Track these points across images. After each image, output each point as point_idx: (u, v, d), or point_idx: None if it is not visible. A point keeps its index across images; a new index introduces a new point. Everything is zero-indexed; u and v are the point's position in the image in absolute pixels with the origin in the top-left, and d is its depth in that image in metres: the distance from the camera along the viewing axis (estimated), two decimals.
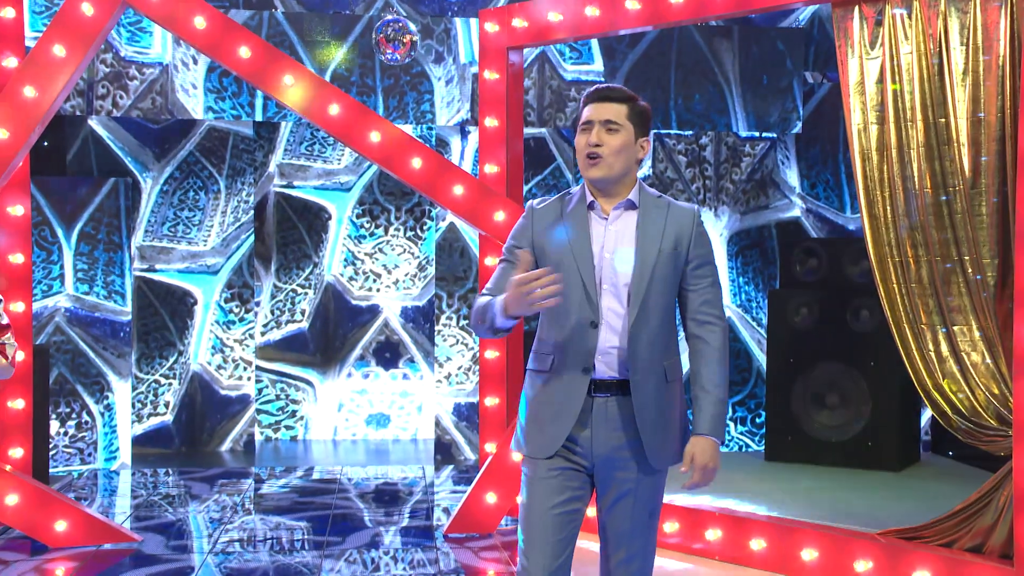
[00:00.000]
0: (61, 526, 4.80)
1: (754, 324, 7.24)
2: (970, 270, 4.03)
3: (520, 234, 2.73)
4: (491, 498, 5.14)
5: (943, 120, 4.08)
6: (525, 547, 2.65)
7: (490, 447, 5.32)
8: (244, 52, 5.03)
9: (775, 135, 7.24)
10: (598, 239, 2.65)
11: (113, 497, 6.14)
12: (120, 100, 6.73)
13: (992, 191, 3.98)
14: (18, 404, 4.91)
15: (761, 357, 7.15)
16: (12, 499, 4.65)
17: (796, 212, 7.31)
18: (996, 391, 3.99)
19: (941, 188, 4.10)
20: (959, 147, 4.03)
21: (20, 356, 2.66)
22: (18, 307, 4.92)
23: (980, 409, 4.03)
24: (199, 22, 4.97)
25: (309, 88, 5.10)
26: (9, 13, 4.79)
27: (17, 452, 4.90)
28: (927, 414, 6.78)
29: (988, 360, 3.99)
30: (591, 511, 3.05)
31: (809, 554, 4.31)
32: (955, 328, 4.07)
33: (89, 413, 6.75)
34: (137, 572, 4.58)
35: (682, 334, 2.75)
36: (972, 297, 4.03)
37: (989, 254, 3.99)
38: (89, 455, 6.74)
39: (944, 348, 4.10)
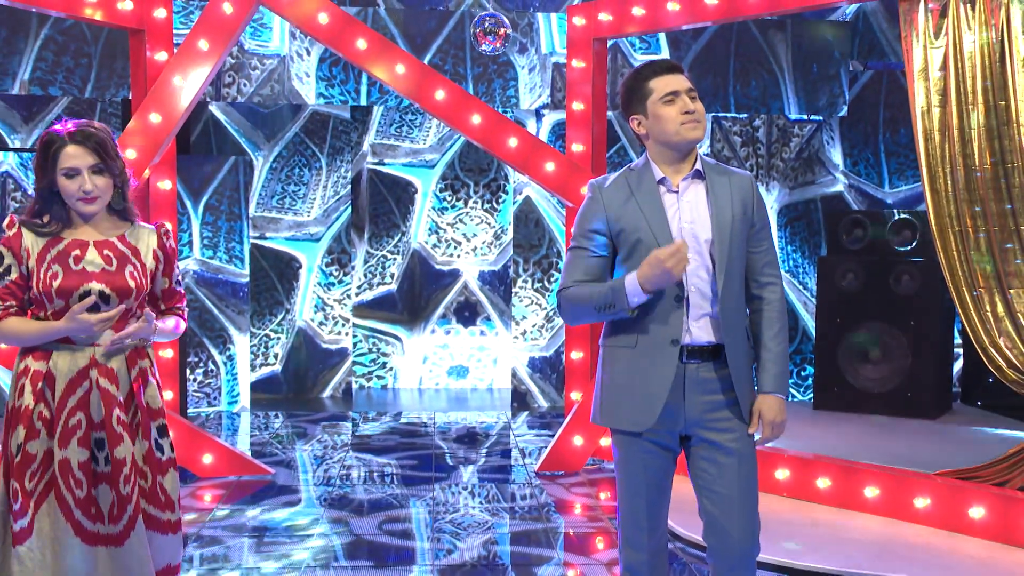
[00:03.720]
0: (208, 459, 4.92)
1: (800, 287, 7.19)
2: None
3: (592, 217, 2.48)
4: (578, 441, 5.18)
5: (1003, 103, 4.00)
6: (629, 523, 2.50)
7: (575, 395, 5.35)
8: (361, 44, 5.04)
9: (821, 118, 7.14)
10: (674, 212, 2.45)
11: (236, 436, 6.26)
12: (243, 88, 6.77)
13: None
14: (167, 353, 5.02)
15: (806, 317, 7.13)
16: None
17: (839, 187, 7.22)
18: None
19: (1000, 165, 4.03)
20: (1019, 127, 3.95)
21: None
22: None
23: None
24: (323, 18, 4.99)
25: (418, 76, 5.10)
26: (161, 14, 4.82)
27: (168, 395, 5.01)
28: (957, 367, 6.73)
29: None
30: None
31: (871, 491, 4.30)
32: (1011, 291, 4.02)
33: (214, 362, 6.87)
34: (276, 499, 4.70)
35: None
36: None
37: None
38: (214, 399, 6.87)
39: (1000, 309, 4.06)
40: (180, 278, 2.65)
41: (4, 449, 2.48)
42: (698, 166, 2.50)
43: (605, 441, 5.23)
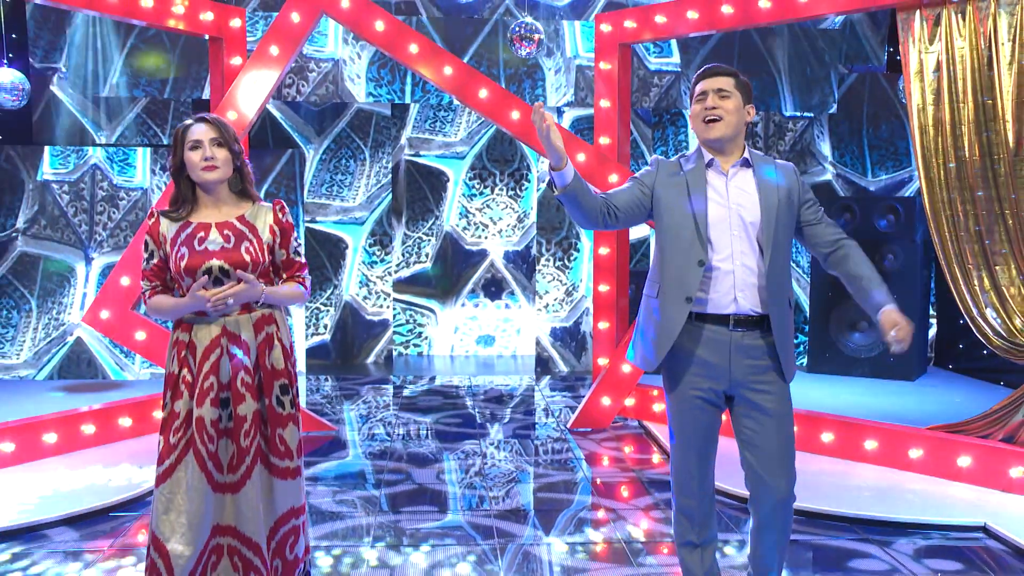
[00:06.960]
0: None
1: (794, 265, 7.25)
2: (1011, 222, 4.01)
3: (646, 175, 2.59)
4: (606, 401, 5.24)
5: (990, 101, 4.03)
6: (682, 472, 2.56)
7: (602, 361, 5.40)
8: (413, 48, 5.05)
9: (813, 115, 7.16)
10: (722, 193, 2.48)
11: None
12: (302, 88, 6.77)
13: None
14: None
15: (797, 290, 7.19)
16: None
17: (828, 176, 7.26)
18: None
19: (987, 156, 4.06)
20: (1004, 123, 3.99)
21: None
22: None
23: (1016, 332, 4.05)
24: (379, 25, 5.00)
25: (463, 76, 5.12)
26: (236, 23, 4.82)
27: None
28: (931, 335, 6.80)
29: None
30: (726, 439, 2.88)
31: (870, 444, 4.36)
32: (996, 268, 4.07)
33: None
34: (342, 452, 4.76)
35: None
36: (1012, 243, 4.03)
37: None
38: None
39: (987, 283, 4.10)
40: (298, 249, 2.67)
41: (163, 408, 2.57)
42: (746, 155, 2.54)
43: (630, 401, 5.30)
